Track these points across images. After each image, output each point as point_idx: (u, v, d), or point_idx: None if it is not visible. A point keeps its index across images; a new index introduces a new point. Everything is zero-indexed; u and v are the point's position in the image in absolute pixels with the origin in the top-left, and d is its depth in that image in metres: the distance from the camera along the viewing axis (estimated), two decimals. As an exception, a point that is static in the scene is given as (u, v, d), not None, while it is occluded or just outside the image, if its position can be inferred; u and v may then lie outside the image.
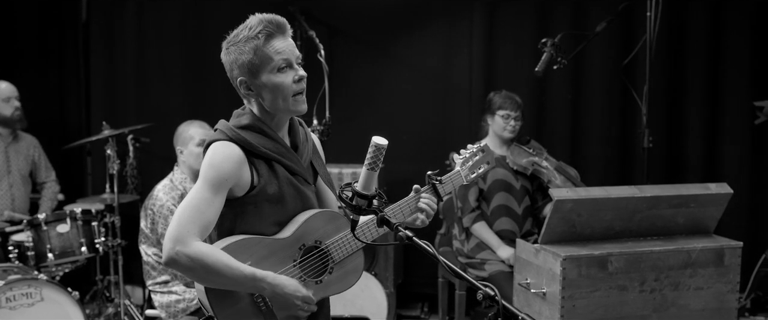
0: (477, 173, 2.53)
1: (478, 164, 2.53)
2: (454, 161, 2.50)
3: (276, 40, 2.12)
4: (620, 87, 4.81)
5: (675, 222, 3.19)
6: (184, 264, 2.03)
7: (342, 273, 2.27)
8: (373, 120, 5.23)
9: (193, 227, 2.04)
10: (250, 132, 2.16)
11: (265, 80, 2.12)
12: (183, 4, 5.25)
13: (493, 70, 5.06)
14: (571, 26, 4.85)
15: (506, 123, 4.09)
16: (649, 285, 3.01)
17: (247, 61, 2.11)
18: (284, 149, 2.21)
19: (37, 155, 4.87)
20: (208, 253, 2.03)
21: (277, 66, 2.11)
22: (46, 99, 5.42)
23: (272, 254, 2.16)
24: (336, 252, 2.24)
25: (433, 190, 2.35)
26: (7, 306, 3.71)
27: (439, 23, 5.16)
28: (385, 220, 1.92)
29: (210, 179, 2.09)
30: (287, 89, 2.12)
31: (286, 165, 2.20)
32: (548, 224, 3.02)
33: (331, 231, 2.24)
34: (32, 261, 4.11)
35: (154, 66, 5.34)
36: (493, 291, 1.68)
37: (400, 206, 2.30)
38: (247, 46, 2.11)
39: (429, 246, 1.83)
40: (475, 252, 4.09)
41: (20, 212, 4.67)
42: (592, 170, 4.95)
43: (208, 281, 2.08)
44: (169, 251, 2.02)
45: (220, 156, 2.11)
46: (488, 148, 2.58)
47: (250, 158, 2.15)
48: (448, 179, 2.42)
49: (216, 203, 2.08)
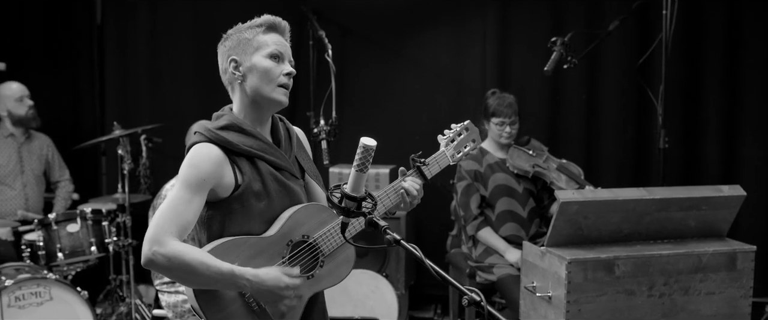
0: (463, 152, 2.47)
1: (464, 142, 2.48)
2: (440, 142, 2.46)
3: (276, 34, 2.20)
4: (636, 87, 4.73)
5: (686, 225, 3.11)
6: (161, 265, 2.01)
7: (333, 265, 2.24)
8: (385, 120, 5.21)
9: (170, 227, 2.03)
10: (229, 131, 2.16)
11: (255, 61, 2.16)
12: (195, 4, 5.26)
13: (507, 70, 5.00)
14: (586, 25, 4.78)
15: (501, 130, 4.02)
16: (657, 290, 2.94)
17: (245, 39, 2.18)
18: (266, 145, 2.20)
19: (50, 154, 4.90)
20: (185, 252, 2.01)
21: (271, 52, 2.17)
22: (61, 99, 5.47)
23: (260, 253, 2.13)
24: (325, 244, 2.22)
25: (418, 172, 2.32)
26: (16, 305, 3.74)
27: (452, 22, 5.11)
28: (374, 222, 1.88)
29: (188, 179, 2.08)
30: (274, 75, 2.16)
31: (269, 161, 2.19)
32: (554, 227, 2.96)
33: (317, 225, 2.22)
34: (43, 260, 4.14)
35: (167, 66, 5.36)
36: (479, 297, 1.64)
37: (386, 192, 2.27)
38: (248, 33, 2.19)
39: (416, 249, 1.79)
40: (483, 257, 4.03)
41: (34, 212, 4.70)
42: (607, 171, 4.88)
43: (188, 281, 2.06)
44: (146, 251, 2.01)
45: (199, 157, 2.10)
46: (472, 126, 2.52)
47: (232, 157, 2.14)
48: (433, 160, 2.39)
49: (194, 203, 2.07)
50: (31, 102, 4.71)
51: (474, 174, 4.01)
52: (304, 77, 5.06)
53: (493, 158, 4.06)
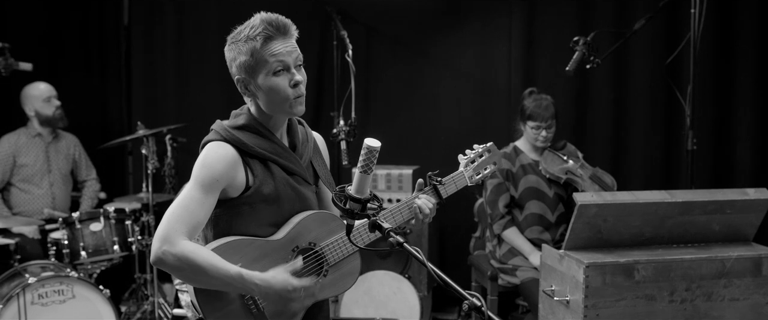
0: (482, 174, 2.45)
1: (484, 165, 2.45)
2: (459, 162, 2.43)
3: (275, 42, 2.09)
4: (664, 87, 4.63)
5: (710, 229, 3.03)
6: (170, 264, 2.01)
7: (337, 275, 2.21)
8: (410, 120, 5.18)
9: (181, 226, 2.02)
10: (245, 132, 2.14)
11: (260, 82, 2.11)
12: (221, 4, 5.28)
13: (532, 70, 4.94)
14: (614, 24, 4.69)
15: (537, 134, 3.95)
16: (679, 295, 2.86)
17: (244, 61, 2.12)
18: (281, 148, 2.17)
19: (77, 153, 4.96)
20: (195, 252, 2.00)
21: (273, 69, 2.09)
22: (89, 100, 5.53)
23: (264, 255, 2.11)
24: (331, 254, 2.19)
25: (433, 191, 2.29)
26: (39, 303, 3.78)
27: (477, 22, 5.07)
28: (377, 225, 1.86)
29: (201, 179, 2.07)
30: (282, 93, 2.10)
31: (282, 165, 2.16)
32: (572, 230, 2.90)
33: (325, 233, 2.19)
34: (67, 258, 4.19)
35: (193, 66, 5.39)
36: (480, 302, 1.60)
37: (399, 208, 2.24)
38: (245, 46, 2.11)
39: (418, 252, 1.76)
40: (507, 257, 3.98)
41: (61, 210, 4.76)
42: (635, 173, 4.79)
43: (196, 281, 2.05)
44: (156, 250, 2.01)
45: (213, 156, 2.09)
46: (494, 148, 2.49)
47: (245, 158, 2.12)
48: (450, 180, 2.35)
49: (206, 203, 2.06)
50: (59, 102, 4.77)
51: (506, 173, 3.96)
52: (328, 77, 5.05)
53: (527, 159, 4.00)
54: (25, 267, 3.98)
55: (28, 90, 4.71)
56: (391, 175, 4.73)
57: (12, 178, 4.68)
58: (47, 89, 4.72)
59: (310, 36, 5.15)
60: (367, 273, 4.50)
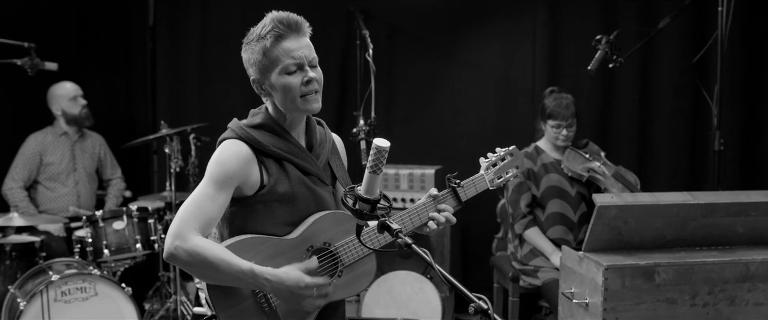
0: (504, 178, 2.41)
1: (506, 168, 2.42)
2: (480, 165, 2.40)
3: (287, 40, 2.10)
4: (690, 86, 4.55)
5: (734, 232, 2.97)
6: (182, 259, 2.01)
7: (352, 276, 2.20)
8: (433, 119, 5.15)
9: (193, 222, 2.03)
10: (261, 131, 2.14)
11: (274, 81, 2.12)
12: (245, 4, 5.30)
13: (557, 69, 4.89)
14: (639, 22, 4.62)
15: (557, 133, 3.92)
16: (701, 299, 2.80)
17: (257, 61, 2.13)
18: (297, 148, 2.17)
19: (103, 152, 5.01)
20: (206, 248, 2.01)
21: (286, 68, 2.10)
22: (115, 99, 5.59)
23: (279, 254, 2.11)
24: (346, 255, 2.18)
25: (452, 194, 2.26)
26: (62, 300, 3.83)
27: (501, 20, 5.02)
28: (386, 225, 1.84)
29: (214, 176, 2.07)
30: (295, 91, 2.10)
31: (298, 165, 2.16)
32: (591, 231, 2.86)
33: (341, 234, 2.18)
34: (91, 256, 4.23)
35: (217, 66, 5.42)
36: (486, 305, 1.57)
37: (418, 211, 2.21)
38: (257, 46, 2.12)
39: (427, 253, 1.74)
40: (528, 258, 3.94)
41: (86, 209, 4.81)
42: (660, 174, 4.72)
43: (208, 277, 2.06)
44: (168, 246, 2.03)
45: (227, 154, 2.10)
46: (517, 151, 2.46)
47: (260, 157, 2.12)
48: (469, 183, 2.32)
49: (219, 200, 2.06)
50: (85, 102, 4.82)
51: (527, 173, 3.93)
52: (352, 77, 5.04)
53: (548, 158, 3.97)
54: (50, 265, 4.03)
55: (54, 89, 4.77)
56: (413, 175, 4.71)
57: (38, 176, 4.74)
58: (73, 88, 4.78)
59: (333, 35, 5.15)
60: (389, 273, 4.48)
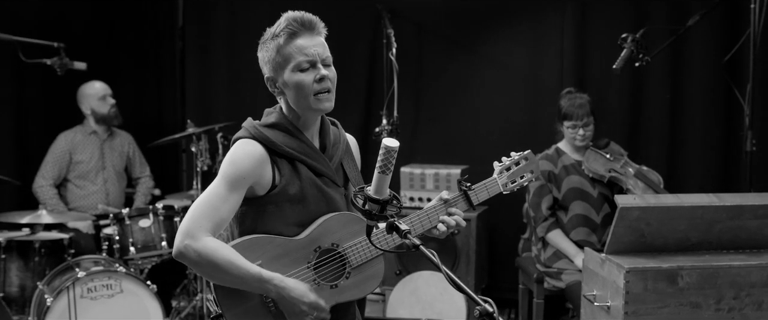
0: (518, 182, 2.37)
1: (520, 172, 2.38)
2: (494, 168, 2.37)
3: (300, 38, 2.10)
4: (722, 85, 4.46)
5: (762, 235, 2.89)
6: (191, 259, 2.02)
7: (360, 278, 2.18)
8: (460, 118, 5.12)
9: (205, 222, 2.03)
10: (274, 131, 2.14)
11: (287, 78, 2.12)
12: (273, 4, 5.30)
13: (585, 68, 4.83)
14: (669, 21, 4.54)
15: (574, 133, 3.88)
16: (726, 303, 2.74)
17: (271, 58, 2.14)
18: (309, 149, 2.16)
19: (131, 151, 5.07)
20: (216, 250, 2.02)
21: (298, 66, 2.10)
22: (144, 98, 5.65)
23: (285, 254, 2.11)
24: (354, 256, 2.16)
25: (464, 197, 2.23)
26: (88, 297, 3.87)
27: (529, 19, 4.98)
28: (394, 226, 1.82)
29: (228, 176, 2.08)
30: (307, 88, 2.10)
31: (310, 165, 2.15)
32: (613, 233, 2.81)
33: (349, 235, 2.16)
34: (117, 253, 4.28)
35: (244, 65, 5.43)
36: (492, 308, 1.55)
37: (428, 214, 2.19)
38: (271, 44, 2.13)
39: (434, 255, 1.71)
40: (552, 260, 3.90)
41: (114, 206, 4.87)
42: (691, 175, 4.63)
43: (215, 277, 2.07)
44: (178, 244, 2.03)
45: (241, 153, 2.10)
46: (532, 156, 2.42)
47: (273, 157, 2.12)
48: (481, 186, 2.29)
49: (231, 200, 2.07)
50: (114, 101, 4.88)
51: (548, 175, 3.89)
52: (379, 76, 5.03)
53: (569, 160, 3.92)
54: (78, 262, 4.08)
55: (84, 89, 4.84)
56: (439, 174, 4.69)
57: (68, 174, 4.82)
58: (103, 87, 4.84)
59: (361, 35, 5.14)
60: (414, 274, 4.47)
